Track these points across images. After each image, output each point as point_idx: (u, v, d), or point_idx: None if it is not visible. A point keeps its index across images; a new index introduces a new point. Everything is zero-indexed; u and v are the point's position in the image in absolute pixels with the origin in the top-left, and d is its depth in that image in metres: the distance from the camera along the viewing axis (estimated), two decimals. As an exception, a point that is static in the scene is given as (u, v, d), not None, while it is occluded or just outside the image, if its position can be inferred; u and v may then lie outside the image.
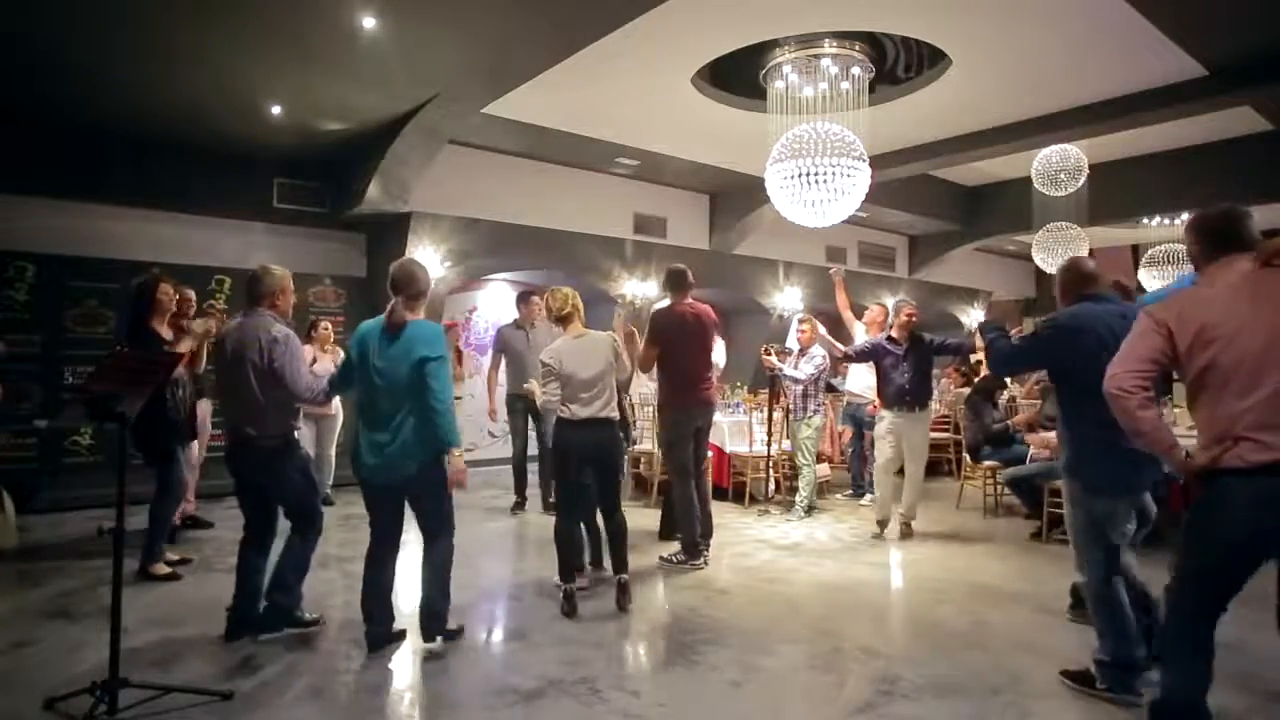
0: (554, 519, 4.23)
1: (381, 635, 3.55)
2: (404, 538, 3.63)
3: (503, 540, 5.85)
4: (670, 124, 7.55)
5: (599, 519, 4.42)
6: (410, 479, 3.41)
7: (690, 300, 5.15)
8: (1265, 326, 2.30)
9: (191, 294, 5.35)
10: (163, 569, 4.61)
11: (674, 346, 4.99)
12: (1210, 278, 2.50)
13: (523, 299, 6.87)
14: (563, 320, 4.21)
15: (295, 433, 3.75)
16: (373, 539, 3.58)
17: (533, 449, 6.78)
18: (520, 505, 6.73)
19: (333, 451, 6.85)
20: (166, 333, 4.73)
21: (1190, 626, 2.48)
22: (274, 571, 3.69)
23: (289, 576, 3.68)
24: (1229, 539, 2.36)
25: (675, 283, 5.17)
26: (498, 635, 3.85)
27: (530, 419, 6.68)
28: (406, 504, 3.54)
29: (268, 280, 3.68)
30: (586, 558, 4.66)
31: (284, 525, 3.77)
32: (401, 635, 3.64)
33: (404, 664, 3.49)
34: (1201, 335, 2.36)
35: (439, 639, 3.57)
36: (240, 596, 3.68)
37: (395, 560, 3.62)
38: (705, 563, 5.01)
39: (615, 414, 4.21)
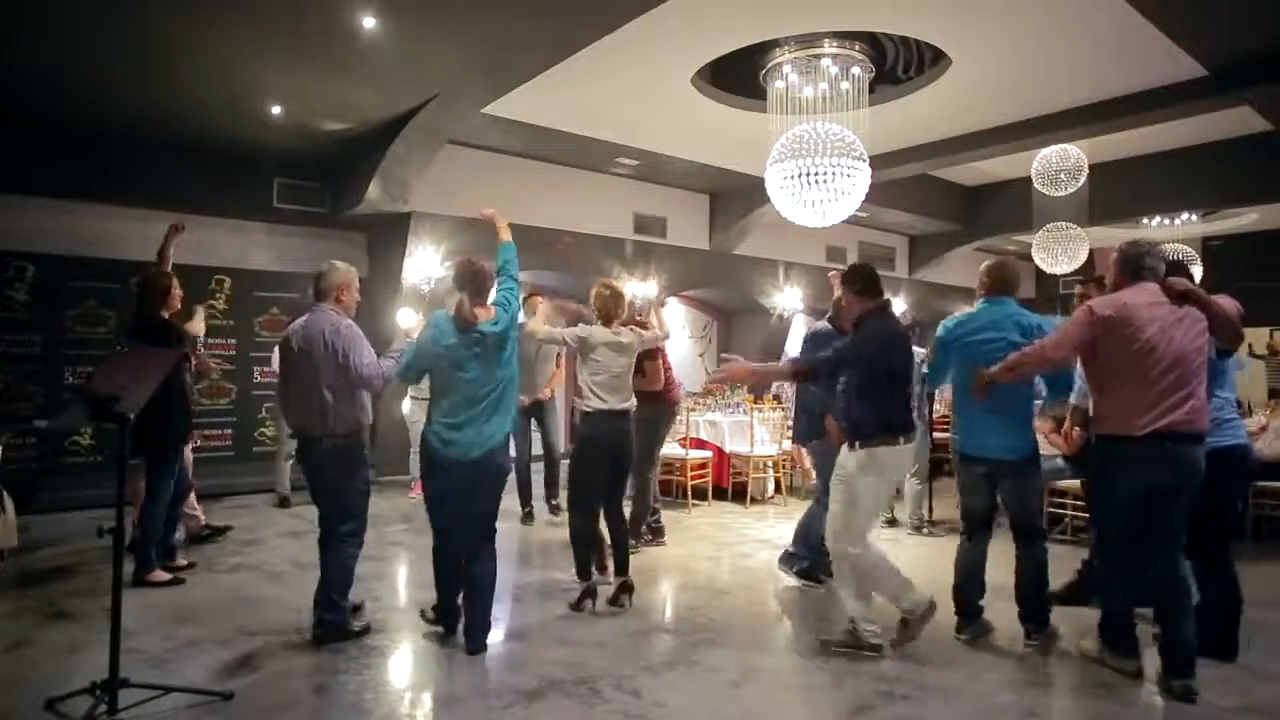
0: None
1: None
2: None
3: (502, 541, 5.82)
4: (670, 124, 7.55)
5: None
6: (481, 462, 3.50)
7: None
8: (1169, 339, 3.12)
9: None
10: (161, 576, 4.47)
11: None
12: (1136, 292, 3.22)
13: (525, 300, 6.60)
14: (608, 320, 4.23)
15: (364, 432, 3.70)
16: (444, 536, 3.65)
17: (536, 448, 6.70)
18: (530, 515, 6.38)
19: None
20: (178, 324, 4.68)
21: (1118, 563, 3.28)
22: (319, 589, 3.62)
23: (333, 593, 3.60)
24: (1128, 490, 3.15)
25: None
26: (498, 635, 3.84)
27: (534, 423, 6.49)
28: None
29: (331, 276, 3.68)
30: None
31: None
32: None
33: (404, 664, 3.49)
34: (1127, 330, 3.12)
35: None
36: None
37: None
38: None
39: (633, 406, 4.27)
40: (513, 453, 6.35)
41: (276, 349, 4.13)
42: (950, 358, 3.73)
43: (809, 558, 4.57)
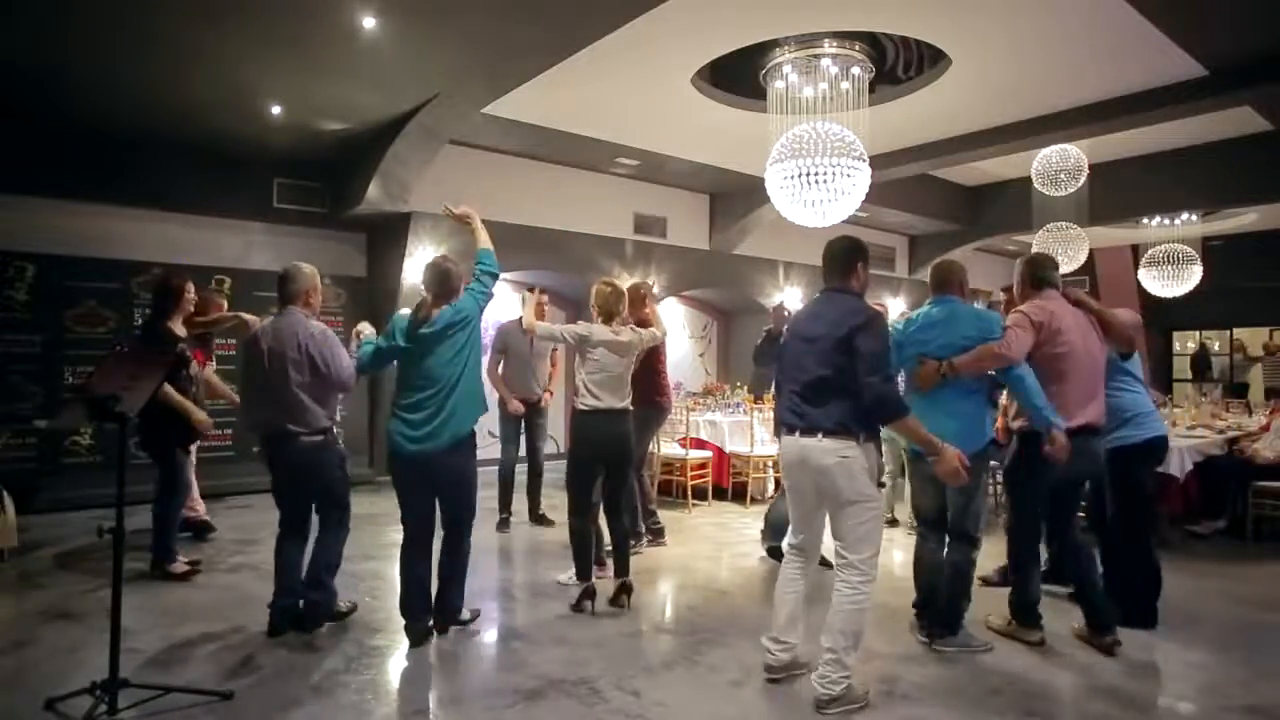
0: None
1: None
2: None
3: (501, 541, 5.84)
4: (670, 124, 7.55)
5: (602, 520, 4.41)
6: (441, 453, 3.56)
7: None
8: (1085, 343, 3.58)
9: (216, 299, 5.45)
10: (181, 567, 4.61)
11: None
12: (1047, 300, 3.60)
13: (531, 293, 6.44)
14: (609, 318, 4.24)
15: (335, 426, 3.80)
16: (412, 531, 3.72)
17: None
18: (505, 522, 6.10)
19: None
20: (180, 330, 4.73)
21: (1035, 547, 3.68)
22: (308, 571, 3.76)
23: (323, 575, 3.77)
24: (1051, 479, 3.52)
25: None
26: (498, 635, 3.85)
27: (525, 427, 6.25)
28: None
29: (300, 279, 3.77)
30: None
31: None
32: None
33: (404, 664, 3.49)
34: (1058, 336, 3.50)
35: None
36: (281, 593, 3.74)
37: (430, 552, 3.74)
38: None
39: (630, 405, 4.26)
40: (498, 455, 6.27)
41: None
42: (903, 357, 3.65)
43: (774, 540, 4.99)
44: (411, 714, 3.04)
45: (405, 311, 3.67)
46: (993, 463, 4.19)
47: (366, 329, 3.82)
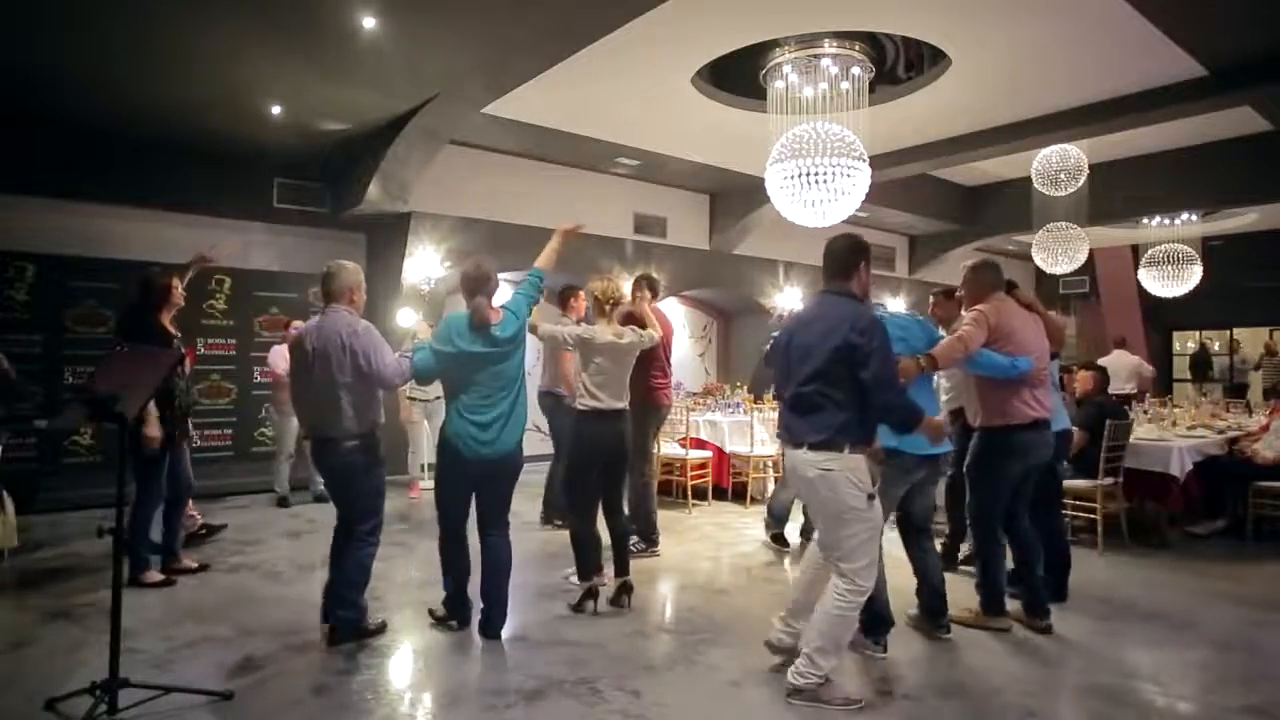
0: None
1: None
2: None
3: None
4: (670, 124, 7.55)
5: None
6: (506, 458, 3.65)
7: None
8: (1038, 342, 3.80)
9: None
10: (154, 576, 4.45)
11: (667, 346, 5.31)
12: (999, 302, 3.78)
13: (570, 292, 6.06)
14: (610, 310, 4.25)
15: (379, 430, 3.70)
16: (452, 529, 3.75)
17: (542, 448, 6.50)
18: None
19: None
20: (172, 328, 4.65)
21: (997, 538, 3.83)
22: (335, 590, 3.63)
23: (350, 593, 3.62)
24: (1012, 472, 3.76)
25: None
26: (499, 635, 3.84)
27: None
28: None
29: (343, 277, 3.68)
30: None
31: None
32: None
33: (404, 664, 3.49)
34: (1010, 335, 3.67)
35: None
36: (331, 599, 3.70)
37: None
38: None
39: (628, 406, 4.28)
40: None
41: (279, 350, 4.01)
42: None
43: (776, 528, 5.53)
44: (412, 714, 3.05)
45: (455, 313, 3.67)
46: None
47: (406, 322, 3.78)
